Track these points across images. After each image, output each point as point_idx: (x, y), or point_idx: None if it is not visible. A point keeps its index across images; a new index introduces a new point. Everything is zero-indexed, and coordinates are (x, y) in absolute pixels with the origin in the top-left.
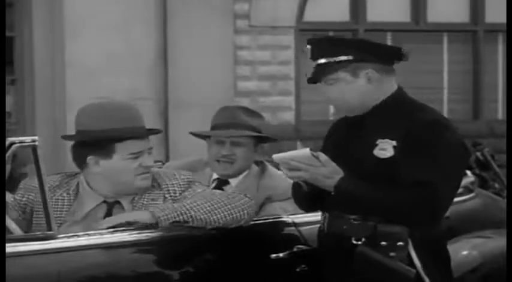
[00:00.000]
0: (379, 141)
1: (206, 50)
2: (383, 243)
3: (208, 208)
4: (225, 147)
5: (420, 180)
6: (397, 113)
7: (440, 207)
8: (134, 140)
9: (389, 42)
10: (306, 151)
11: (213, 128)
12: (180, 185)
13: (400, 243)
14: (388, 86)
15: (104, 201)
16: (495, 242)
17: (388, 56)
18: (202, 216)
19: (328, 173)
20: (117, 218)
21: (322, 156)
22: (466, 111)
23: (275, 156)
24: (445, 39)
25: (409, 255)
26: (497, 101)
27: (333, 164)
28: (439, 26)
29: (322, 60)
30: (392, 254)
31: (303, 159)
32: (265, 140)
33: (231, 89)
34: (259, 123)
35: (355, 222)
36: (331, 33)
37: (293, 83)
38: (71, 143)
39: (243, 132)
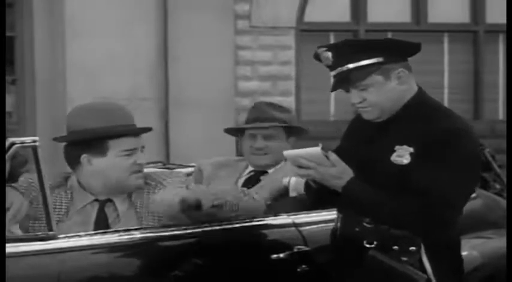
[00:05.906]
0: (397, 147)
1: (207, 50)
2: (395, 247)
3: (238, 195)
4: (257, 140)
5: (430, 188)
6: (417, 117)
7: (448, 216)
8: (127, 137)
9: None
10: (317, 149)
11: (245, 123)
12: (181, 180)
13: (413, 248)
14: (413, 86)
15: (96, 200)
16: (495, 243)
17: (411, 53)
18: (234, 202)
19: (337, 173)
20: (166, 196)
21: (333, 156)
22: (466, 111)
23: (285, 152)
24: (446, 39)
25: (420, 260)
26: (497, 101)
27: (343, 164)
28: (440, 26)
29: (350, 66)
30: (404, 258)
31: (313, 158)
32: (295, 132)
33: (232, 89)
34: (288, 117)
35: (368, 226)
36: (331, 34)
37: (293, 83)
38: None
39: (268, 124)
